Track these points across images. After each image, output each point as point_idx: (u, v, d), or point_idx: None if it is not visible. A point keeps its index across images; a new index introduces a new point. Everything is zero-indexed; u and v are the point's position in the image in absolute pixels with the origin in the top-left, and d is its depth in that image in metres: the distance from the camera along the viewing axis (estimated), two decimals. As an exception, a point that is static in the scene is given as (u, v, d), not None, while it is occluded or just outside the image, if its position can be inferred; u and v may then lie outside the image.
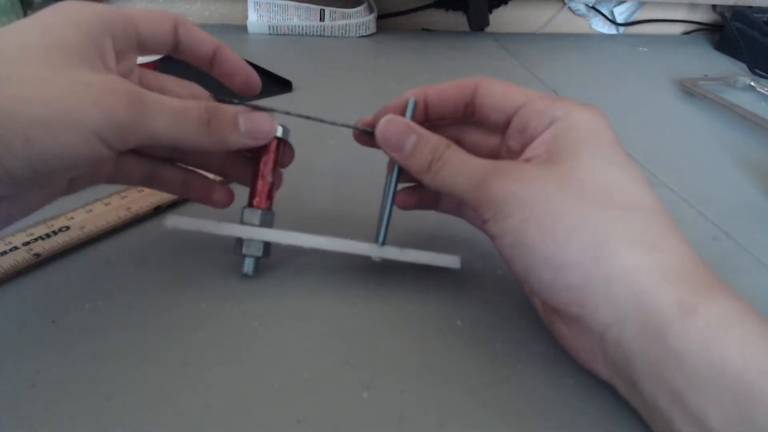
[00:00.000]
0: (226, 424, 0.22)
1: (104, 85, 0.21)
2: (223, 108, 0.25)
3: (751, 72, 0.72)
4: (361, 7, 0.72)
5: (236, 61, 0.29)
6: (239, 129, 0.25)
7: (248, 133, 0.26)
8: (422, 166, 0.26)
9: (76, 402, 0.23)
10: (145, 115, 0.22)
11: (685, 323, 0.20)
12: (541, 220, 0.23)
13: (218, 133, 0.24)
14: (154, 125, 0.22)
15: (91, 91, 0.21)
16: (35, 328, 0.26)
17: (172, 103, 0.23)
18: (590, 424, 0.24)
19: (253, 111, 0.26)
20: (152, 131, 0.22)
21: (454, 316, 0.29)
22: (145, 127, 0.22)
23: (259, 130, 0.26)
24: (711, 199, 0.42)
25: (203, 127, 0.24)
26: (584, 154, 0.24)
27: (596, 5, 0.85)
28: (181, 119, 0.23)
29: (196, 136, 0.24)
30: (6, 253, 0.29)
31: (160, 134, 0.23)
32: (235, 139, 0.25)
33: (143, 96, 0.22)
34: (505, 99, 0.26)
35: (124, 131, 0.21)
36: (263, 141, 0.27)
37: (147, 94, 0.22)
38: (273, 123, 0.27)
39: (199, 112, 0.24)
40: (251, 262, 0.29)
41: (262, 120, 0.26)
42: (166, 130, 0.23)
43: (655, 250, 0.22)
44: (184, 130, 0.23)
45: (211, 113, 0.24)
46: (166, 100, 0.23)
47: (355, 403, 0.24)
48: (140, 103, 0.22)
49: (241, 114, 0.25)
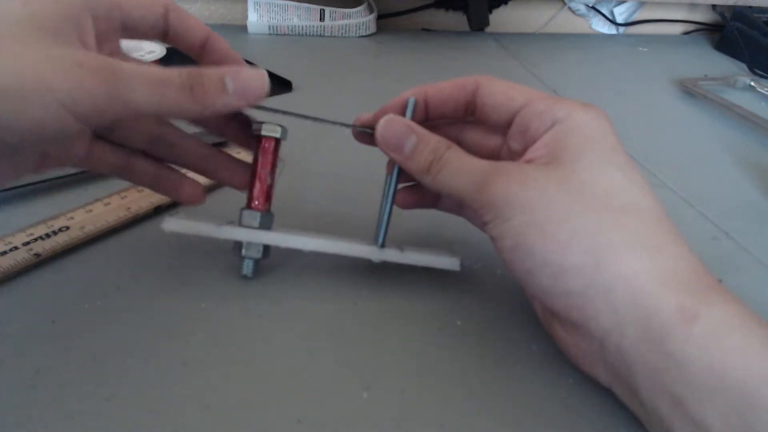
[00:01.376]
0: (226, 424, 0.22)
1: (75, 57, 0.20)
2: (208, 71, 0.23)
3: (751, 72, 0.72)
4: (361, 7, 0.72)
5: (226, 51, 0.28)
6: (227, 90, 0.23)
7: (238, 93, 0.23)
8: (422, 167, 0.26)
9: (76, 402, 0.23)
10: (120, 86, 0.21)
11: (686, 329, 0.20)
12: (541, 224, 0.23)
13: (204, 98, 0.23)
14: (131, 96, 0.21)
15: (62, 62, 0.20)
16: (35, 328, 0.26)
17: (151, 71, 0.22)
18: (590, 424, 0.24)
19: (241, 68, 0.24)
20: (129, 102, 0.21)
21: (454, 316, 0.29)
22: (122, 97, 0.21)
23: (250, 88, 0.24)
24: (711, 199, 0.42)
25: (186, 94, 0.22)
26: (586, 157, 0.24)
27: (596, 5, 0.85)
28: (161, 88, 0.22)
29: (179, 104, 0.22)
30: (6, 253, 0.29)
31: (139, 105, 0.21)
32: (224, 102, 0.23)
33: (117, 66, 0.21)
34: (506, 99, 0.26)
35: (97, 102, 0.20)
36: (256, 101, 0.24)
37: (122, 64, 0.21)
38: (264, 80, 0.24)
39: (181, 79, 0.22)
40: (250, 264, 0.29)
41: (252, 77, 0.24)
42: (145, 100, 0.21)
43: (656, 254, 0.22)
44: (164, 99, 0.22)
45: (195, 78, 0.22)
46: (144, 69, 0.21)
47: (355, 403, 0.24)
48: (113, 74, 0.21)
49: (229, 73, 0.23)
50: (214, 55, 0.28)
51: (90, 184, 0.36)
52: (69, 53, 0.20)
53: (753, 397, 0.18)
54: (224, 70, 0.23)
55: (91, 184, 0.36)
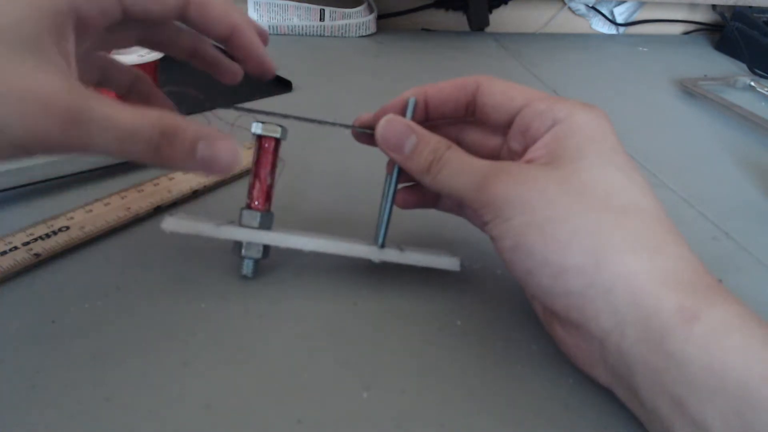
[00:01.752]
0: (226, 424, 0.22)
1: (41, 97, 0.19)
2: (183, 132, 0.21)
3: (751, 72, 0.72)
4: (361, 7, 0.72)
5: (250, 48, 0.27)
6: (195, 156, 0.22)
7: (203, 163, 0.22)
8: (422, 167, 0.26)
9: (76, 402, 0.23)
10: (82, 134, 0.19)
11: (686, 329, 0.20)
12: (541, 224, 0.23)
13: (168, 158, 0.21)
14: (93, 143, 0.20)
15: (23, 103, 0.18)
16: (35, 328, 0.26)
17: (122, 121, 0.20)
18: (590, 425, 0.24)
19: (219, 138, 0.22)
20: (89, 146, 0.20)
21: (454, 316, 0.29)
22: (82, 144, 0.20)
23: (218, 162, 0.22)
24: (711, 199, 0.42)
25: (151, 151, 0.21)
26: (586, 157, 0.24)
27: (596, 5, 0.85)
28: (126, 143, 0.20)
29: (140, 157, 0.21)
30: (6, 253, 0.29)
31: (98, 150, 0.20)
32: (186, 166, 0.22)
33: (85, 113, 0.19)
34: (506, 99, 0.26)
35: (53, 144, 0.19)
36: (219, 174, 0.23)
37: (92, 109, 0.19)
38: (235, 158, 0.22)
39: (151, 137, 0.21)
40: (250, 264, 0.29)
41: (225, 150, 0.22)
42: (107, 148, 0.20)
43: (656, 255, 0.22)
44: (127, 152, 0.21)
45: (167, 137, 0.21)
46: (115, 118, 0.20)
47: (355, 403, 0.24)
48: (78, 122, 0.19)
49: (203, 139, 0.22)
50: (238, 51, 0.27)
51: (90, 184, 0.36)
52: (36, 86, 0.19)
53: (753, 397, 0.18)
54: (201, 134, 0.22)
55: (91, 184, 0.36)
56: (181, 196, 0.35)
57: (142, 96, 0.30)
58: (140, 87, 0.30)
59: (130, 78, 0.30)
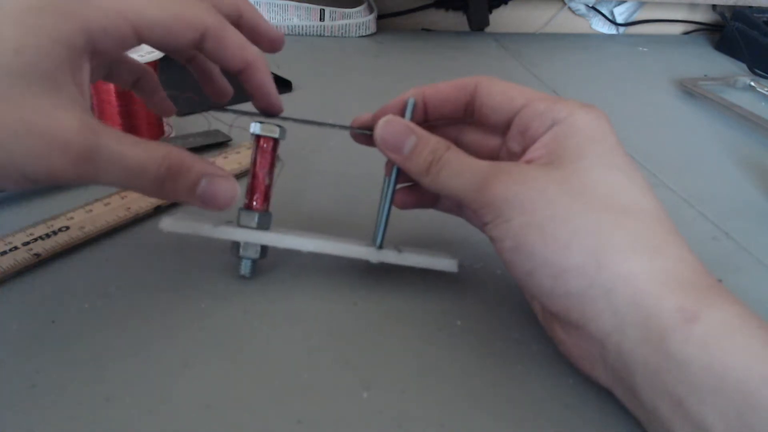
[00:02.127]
0: (226, 424, 0.22)
1: (58, 137, 0.20)
2: (188, 169, 0.23)
3: (751, 72, 0.72)
4: (361, 7, 0.72)
5: (262, 86, 0.27)
6: (196, 192, 0.24)
7: (204, 198, 0.24)
8: (421, 168, 0.26)
9: (76, 402, 0.23)
10: (93, 171, 0.21)
11: (687, 330, 0.20)
12: (542, 225, 0.22)
13: (171, 193, 0.23)
14: (102, 178, 0.21)
15: (42, 142, 0.19)
16: (35, 328, 0.26)
17: (131, 159, 0.21)
18: (590, 424, 0.24)
19: (220, 176, 0.24)
20: (98, 181, 0.21)
21: (454, 316, 0.29)
22: (91, 178, 0.21)
23: (216, 198, 0.24)
24: (711, 199, 0.42)
25: (156, 187, 0.22)
26: (586, 157, 0.24)
27: (596, 5, 0.84)
28: (134, 178, 0.22)
29: (144, 190, 0.23)
30: (6, 253, 0.29)
31: (106, 184, 0.22)
32: (186, 200, 0.24)
33: (97, 152, 0.20)
34: (505, 99, 0.26)
35: (62, 178, 0.20)
36: (213, 209, 0.24)
37: (104, 147, 0.21)
38: (234, 194, 0.24)
39: (158, 174, 0.22)
40: (248, 264, 0.29)
41: (224, 190, 0.24)
42: (114, 182, 0.22)
43: (657, 255, 0.22)
44: (132, 185, 0.22)
45: (172, 175, 0.22)
46: (125, 155, 0.21)
47: (355, 403, 0.24)
48: (91, 160, 0.20)
49: (207, 177, 0.24)
50: (250, 86, 0.27)
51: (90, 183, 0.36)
52: (54, 125, 0.20)
53: (753, 397, 0.18)
54: (205, 172, 0.24)
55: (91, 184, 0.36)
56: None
57: (145, 92, 0.30)
58: (145, 83, 0.30)
59: (136, 73, 0.30)
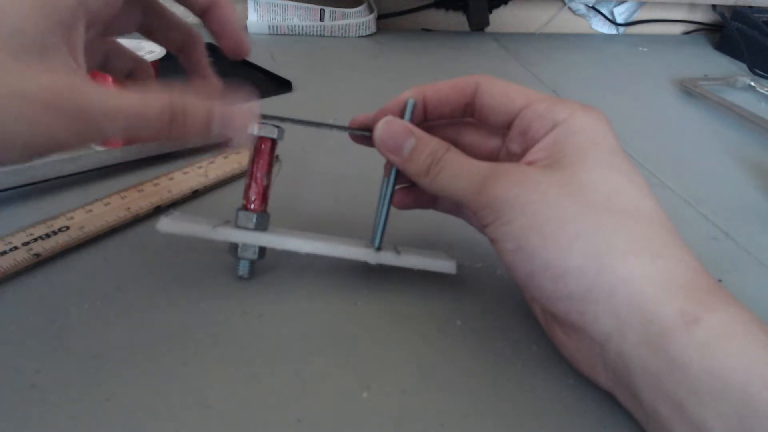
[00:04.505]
0: (226, 424, 0.22)
1: (41, 97, 0.19)
2: (194, 106, 0.22)
3: (751, 72, 0.72)
4: (361, 7, 0.72)
5: (228, 23, 0.27)
6: (210, 131, 0.23)
7: (222, 131, 0.23)
8: (421, 170, 0.26)
9: (76, 402, 0.23)
10: (91, 126, 0.20)
11: (688, 333, 0.20)
12: (543, 227, 0.22)
13: (182, 134, 0.22)
14: (103, 134, 0.21)
15: (24, 104, 0.19)
16: (35, 328, 0.26)
17: (129, 105, 0.21)
18: (590, 424, 0.24)
19: (232, 108, 0.23)
20: (98, 137, 0.21)
21: (454, 316, 0.29)
22: (92, 136, 0.20)
23: (234, 132, 0.23)
24: (711, 199, 0.42)
25: (163, 130, 0.21)
26: (587, 160, 0.23)
27: (596, 5, 0.84)
28: (136, 125, 0.21)
29: (151, 137, 0.22)
30: (6, 253, 0.29)
31: (108, 136, 0.21)
32: (200, 138, 0.23)
33: (90, 104, 0.20)
34: (505, 100, 0.26)
35: (62, 142, 0.20)
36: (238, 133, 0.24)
37: (98, 100, 0.20)
38: (253, 110, 0.24)
39: (161, 116, 0.21)
40: (246, 265, 0.29)
41: (241, 122, 0.23)
42: (116, 133, 0.21)
43: (658, 258, 0.22)
44: (136, 134, 0.21)
45: (176, 114, 0.22)
46: (121, 103, 0.21)
47: (355, 403, 0.24)
48: (84, 115, 0.20)
49: (219, 116, 0.23)
50: (214, 25, 0.27)
51: (90, 184, 0.36)
52: (36, 87, 0.19)
53: (754, 401, 0.18)
54: (213, 109, 0.22)
55: (91, 184, 0.36)
56: (181, 196, 0.35)
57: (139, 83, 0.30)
58: (140, 74, 0.30)
59: (131, 64, 0.30)
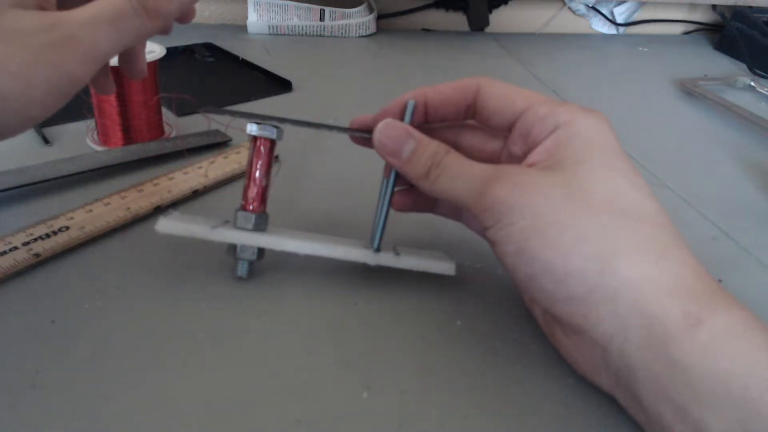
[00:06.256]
0: (226, 424, 0.22)
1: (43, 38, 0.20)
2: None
3: (751, 72, 0.72)
4: (361, 7, 0.72)
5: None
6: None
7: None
8: (420, 173, 0.26)
9: (76, 402, 0.23)
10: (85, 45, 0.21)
11: (690, 335, 0.20)
12: (544, 229, 0.22)
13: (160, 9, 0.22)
14: (97, 47, 0.21)
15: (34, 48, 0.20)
16: (35, 328, 0.26)
17: (100, 11, 0.21)
18: (590, 424, 0.24)
19: None
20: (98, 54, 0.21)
21: (454, 316, 0.29)
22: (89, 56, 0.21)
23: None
24: (711, 199, 0.42)
25: (142, 16, 0.22)
26: (588, 162, 0.23)
27: (596, 5, 0.84)
28: (118, 24, 0.21)
29: (141, 29, 0.22)
30: (6, 253, 0.29)
31: (107, 51, 0.21)
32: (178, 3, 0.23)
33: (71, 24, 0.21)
34: (507, 102, 0.26)
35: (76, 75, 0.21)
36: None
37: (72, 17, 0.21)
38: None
39: (131, 3, 0.22)
40: (245, 266, 0.29)
41: None
42: (110, 43, 0.21)
43: (661, 260, 0.22)
44: (126, 32, 0.22)
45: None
46: (94, 11, 0.21)
47: (355, 403, 0.24)
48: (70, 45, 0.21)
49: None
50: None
51: (90, 184, 0.36)
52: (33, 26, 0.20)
53: (756, 404, 0.18)
54: None
55: (91, 184, 0.36)
56: (181, 196, 0.35)
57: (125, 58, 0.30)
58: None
59: None
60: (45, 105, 0.21)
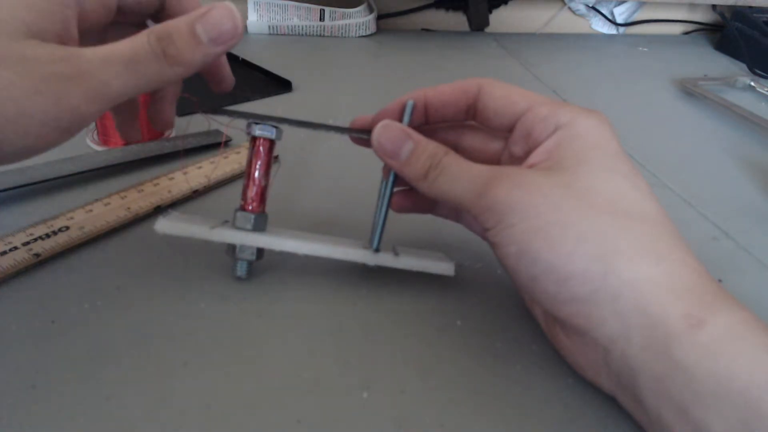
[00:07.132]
0: (226, 424, 0.22)
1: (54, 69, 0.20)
2: (176, 25, 0.22)
3: (751, 72, 0.72)
4: (361, 7, 0.72)
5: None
6: (201, 40, 0.22)
7: (213, 40, 0.22)
8: (419, 174, 0.26)
9: (76, 402, 0.23)
10: (98, 85, 0.20)
11: (691, 336, 0.20)
12: (546, 230, 0.22)
13: (181, 58, 0.22)
14: (109, 87, 0.21)
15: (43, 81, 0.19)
16: (35, 328, 0.26)
17: (117, 51, 0.21)
18: (590, 424, 0.24)
19: (207, 10, 0.22)
20: (109, 94, 0.21)
21: (454, 316, 0.29)
22: (101, 95, 0.20)
23: (223, 30, 0.22)
24: (711, 199, 0.42)
25: (160, 61, 0.21)
26: (589, 163, 0.23)
27: (596, 5, 0.84)
28: (134, 65, 0.21)
29: (158, 74, 0.22)
30: (6, 253, 0.29)
31: (119, 92, 0.21)
32: (202, 54, 0.22)
33: (83, 59, 0.20)
34: (507, 103, 0.26)
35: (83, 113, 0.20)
36: (234, 41, 0.23)
37: (86, 53, 0.20)
38: (234, 15, 0.22)
39: (151, 47, 0.21)
40: (244, 266, 0.29)
41: (222, 18, 0.22)
42: (123, 84, 0.21)
43: (662, 261, 0.22)
44: (142, 76, 0.21)
45: (164, 40, 0.21)
46: (110, 51, 0.21)
47: (355, 403, 0.24)
48: (90, 76, 0.20)
49: (197, 20, 0.22)
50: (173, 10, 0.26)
51: (90, 184, 0.36)
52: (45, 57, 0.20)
53: (757, 404, 0.18)
54: (191, 17, 0.22)
55: (91, 184, 0.36)
56: (181, 196, 0.35)
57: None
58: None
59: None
60: (41, 136, 0.20)
